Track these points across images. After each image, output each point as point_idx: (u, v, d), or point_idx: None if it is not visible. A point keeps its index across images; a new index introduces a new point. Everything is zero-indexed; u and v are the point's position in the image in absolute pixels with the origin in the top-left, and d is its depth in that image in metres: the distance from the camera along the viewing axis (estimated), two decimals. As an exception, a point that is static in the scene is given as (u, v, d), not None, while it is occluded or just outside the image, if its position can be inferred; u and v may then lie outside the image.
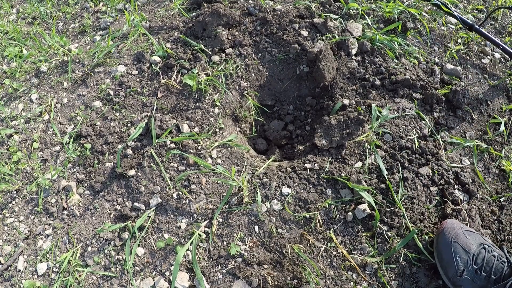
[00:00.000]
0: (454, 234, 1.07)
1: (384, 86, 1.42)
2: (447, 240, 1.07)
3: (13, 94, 1.57)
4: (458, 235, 1.06)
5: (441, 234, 1.09)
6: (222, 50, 1.51)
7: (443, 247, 1.07)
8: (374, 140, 1.26)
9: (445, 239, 1.07)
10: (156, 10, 1.77)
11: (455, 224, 1.09)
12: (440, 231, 1.09)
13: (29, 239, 1.22)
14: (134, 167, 1.26)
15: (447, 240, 1.07)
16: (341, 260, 1.11)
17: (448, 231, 1.08)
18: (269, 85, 1.50)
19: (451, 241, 1.06)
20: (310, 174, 1.21)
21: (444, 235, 1.08)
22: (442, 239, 1.08)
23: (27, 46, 1.74)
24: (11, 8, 2.02)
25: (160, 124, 1.32)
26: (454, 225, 1.09)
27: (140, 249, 1.15)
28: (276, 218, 1.15)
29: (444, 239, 1.08)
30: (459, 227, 1.09)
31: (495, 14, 1.77)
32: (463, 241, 1.06)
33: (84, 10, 1.88)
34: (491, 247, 1.06)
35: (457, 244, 1.05)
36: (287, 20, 1.55)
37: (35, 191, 1.30)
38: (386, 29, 1.56)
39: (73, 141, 1.37)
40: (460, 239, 1.06)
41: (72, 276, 1.13)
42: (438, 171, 1.24)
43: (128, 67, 1.53)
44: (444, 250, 1.07)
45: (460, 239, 1.06)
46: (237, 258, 1.11)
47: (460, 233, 1.07)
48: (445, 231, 1.08)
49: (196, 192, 1.22)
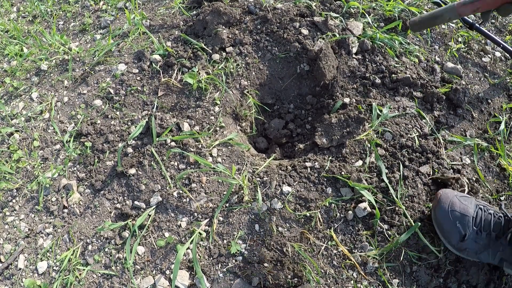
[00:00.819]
0: (450, 203, 1.09)
1: (385, 84, 1.42)
2: (444, 210, 1.09)
3: (13, 93, 1.57)
4: (454, 203, 1.09)
5: (437, 206, 1.11)
6: (223, 48, 1.51)
7: (442, 218, 1.09)
8: (374, 139, 1.26)
9: (442, 210, 1.09)
10: (156, 8, 1.77)
11: (449, 193, 1.12)
12: (436, 203, 1.11)
13: (30, 238, 1.22)
14: (135, 165, 1.26)
15: (444, 210, 1.09)
16: (342, 259, 1.12)
17: (444, 201, 1.10)
18: (269, 83, 1.50)
19: (448, 210, 1.09)
20: (311, 172, 1.21)
21: (440, 206, 1.10)
22: (440, 211, 1.10)
23: (28, 44, 1.74)
24: (12, 7, 2.01)
25: (161, 123, 1.32)
26: (448, 194, 1.12)
27: (141, 248, 1.15)
28: (276, 217, 1.15)
29: (441, 210, 1.10)
30: (453, 195, 1.11)
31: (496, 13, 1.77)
32: (460, 207, 1.09)
33: (84, 9, 1.88)
34: (486, 206, 1.10)
35: (454, 211, 1.08)
36: (287, 19, 1.55)
37: (35, 189, 1.30)
38: (386, 27, 1.55)
39: (74, 140, 1.37)
40: (456, 206, 1.09)
41: (72, 275, 1.13)
42: (438, 170, 1.24)
43: (128, 65, 1.53)
44: (443, 220, 1.09)
45: (456, 206, 1.09)
46: (238, 256, 1.11)
47: (455, 200, 1.10)
48: (441, 202, 1.11)
49: (196, 190, 1.22)
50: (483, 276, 1.12)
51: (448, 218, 1.08)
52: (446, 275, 1.11)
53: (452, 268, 1.12)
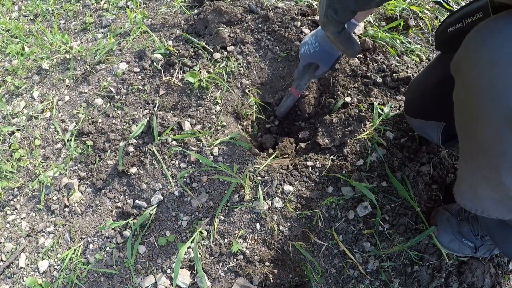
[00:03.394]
0: (449, 226, 1.10)
1: (386, 83, 1.41)
2: (448, 236, 1.10)
3: (14, 92, 1.57)
4: (453, 224, 1.10)
5: (439, 235, 1.11)
6: (224, 47, 1.51)
7: (448, 244, 1.10)
8: (375, 138, 1.26)
9: (446, 237, 1.10)
10: (157, 7, 1.77)
11: (442, 217, 1.12)
12: (437, 233, 1.12)
13: (31, 237, 1.22)
14: (136, 164, 1.26)
15: (448, 236, 1.10)
16: (343, 258, 1.11)
17: (442, 229, 1.11)
18: (270, 82, 1.50)
19: (451, 234, 1.09)
20: (312, 172, 1.21)
21: (441, 235, 1.11)
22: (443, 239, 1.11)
23: (29, 43, 1.74)
24: (13, 6, 2.01)
25: (162, 122, 1.32)
26: (442, 218, 1.12)
27: (142, 247, 1.15)
28: (277, 216, 1.15)
29: (444, 238, 1.10)
30: (446, 216, 1.11)
31: None
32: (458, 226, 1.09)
33: (85, 8, 1.87)
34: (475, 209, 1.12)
35: (456, 232, 1.09)
36: (288, 18, 1.55)
37: (36, 188, 1.30)
38: (387, 26, 1.55)
39: (75, 139, 1.37)
40: (455, 226, 1.09)
41: (73, 274, 1.13)
42: (439, 169, 1.24)
43: (129, 64, 1.53)
44: (451, 245, 1.10)
45: (455, 226, 1.09)
46: (239, 255, 1.11)
47: (452, 221, 1.10)
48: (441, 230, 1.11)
49: (197, 189, 1.22)
50: (488, 278, 1.12)
51: (454, 240, 1.09)
52: (448, 275, 1.11)
53: (456, 269, 1.12)
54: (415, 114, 1.15)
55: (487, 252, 1.08)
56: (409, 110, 1.18)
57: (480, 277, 1.11)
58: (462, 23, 0.88)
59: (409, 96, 1.19)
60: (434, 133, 1.11)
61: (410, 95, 1.19)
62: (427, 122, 1.11)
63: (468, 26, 0.86)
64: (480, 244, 1.07)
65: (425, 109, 1.10)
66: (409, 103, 1.19)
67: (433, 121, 1.09)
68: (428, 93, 1.08)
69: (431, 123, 1.10)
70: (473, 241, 1.07)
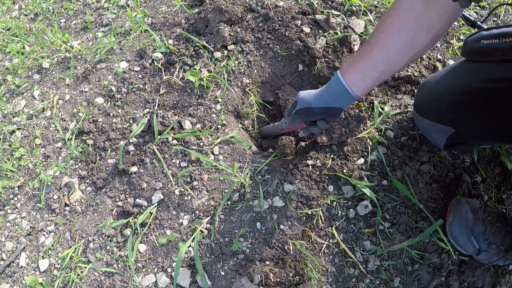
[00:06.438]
0: (464, 218, 1.10)
1: (386, 82, 1.41)
2: (459, 227, 1.10)
3: (15, 91, 1.57)
4: (468, 219, 1.09)
5: (452, 222, 1.11)
6: (224, 46, 1.51)
7: (458, 235, 1.10)
8: (376, 137, 1.26)
9: (457, 227, 1.10)
10: (158, 6, 1.77)
11: (462, 208, 1.11)
12: (451, 218, 1.11)
13: (31, 235, 1.22)
14: (136, 163, 1.27)
15: (459, 227, 1.10)
16: (343, 257, 1.11)
17: (458, 217, 1.10)
18: (271, 81, 1.50)
19: (463, 227, 1.09)
20: (312, 170, 1.21)
21: (455, 223, 1.10)
22: (455, 228, 1.11)
23: (29, 42, 1.74)
24: (14, 4, 2.01)
25: (162, 121, 1.32)
26: (462, 208, 1.11)
27: (142, 246, 1.15)
28: (278, 215, 1.15)
29: (456, 227, 1.10)
30: (466, 209, 1.11)
31: (497, 11, 1.76)
32: (472, 222, 1.09)
33: (86, 7, 1.87)
34: (493, 216, 1.11)
35: (468, 227, 1.09)
36: (289, 17, 1.55)
37: (37, 187, 1.30)
38: (388, 25, 1.55)
39: (75, 138, 1.37)
40: (470, 222, 1.09)
41: (74, 273, 1.13)
42: (440, 168, 1.24)
43: (130, 63, 1.53)
44: (459, 237, 1.10)
45: (470, 222, 1.09)
46: (239, 254, 1.11)
47: (469, 216, 1.10)
48: (456, 218, 1.11)
49: (198, 188, 1.22)
50: (489, 278, 1.12)
51: (463, 234, 1.09)
52: (448, 274, 1.11)
53: (456, 268, 1.12)
54: (426, 115, 1.14)
55: (486, 259, 1.09)
56: (420, 109, 1.18)
57: (480, 276, 1.11)
58: (499, 39, 0.93)
59: (423, 95, 1.18)
60: (439, 137, 1.12)
61: (423, 94, 1.17)
62: (436, 125, 1.11)
63: (504, 45, 0.91)
64: (484, 249, 1.07)
65: (438, 112, 1.10)
66: (421, 102, 1.18)
67: (443, 126, 1.09)
68: (445, 98, 1.08)
69: (440, 126, 1.10)
70: (480, 243, 1.08)
